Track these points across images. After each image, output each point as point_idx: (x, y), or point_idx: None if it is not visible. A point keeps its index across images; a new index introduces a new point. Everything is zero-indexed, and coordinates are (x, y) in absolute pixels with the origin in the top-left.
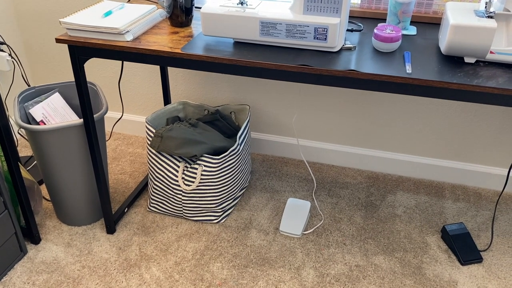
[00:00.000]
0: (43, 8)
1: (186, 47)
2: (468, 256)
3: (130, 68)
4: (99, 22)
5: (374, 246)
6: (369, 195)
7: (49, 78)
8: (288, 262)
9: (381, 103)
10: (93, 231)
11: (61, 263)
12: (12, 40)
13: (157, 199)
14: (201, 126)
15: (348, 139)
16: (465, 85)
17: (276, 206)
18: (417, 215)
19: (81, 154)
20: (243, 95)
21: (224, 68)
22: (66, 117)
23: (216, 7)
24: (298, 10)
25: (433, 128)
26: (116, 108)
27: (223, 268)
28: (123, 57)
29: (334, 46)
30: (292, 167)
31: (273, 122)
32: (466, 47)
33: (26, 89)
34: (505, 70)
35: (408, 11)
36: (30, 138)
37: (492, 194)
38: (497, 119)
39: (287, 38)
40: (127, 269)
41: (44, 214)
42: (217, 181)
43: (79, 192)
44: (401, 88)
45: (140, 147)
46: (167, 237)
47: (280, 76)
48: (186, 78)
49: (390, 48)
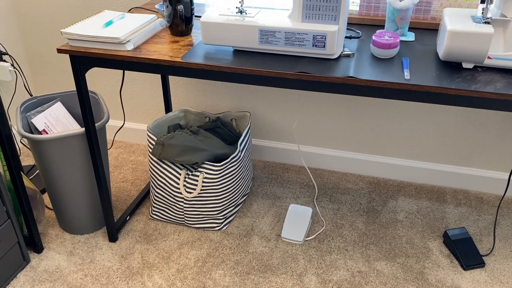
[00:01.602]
0: (45, 18)
1: (186, 56)
2: (470, 261)
3: (131, 77)
4: (100, 32)
5: (376, 251)
6: (371, 200)
7: (51, 88)
8: (290, 268)
9: (381, 109)
10: (95, 239)
11: (63, 272)
12: (14, 50)
13: (159, 206)
14: (202, 134)
15: (349, 145)
16: (463, 91)
17: (278, 213)
18: (418, 220)
19: (83, 162)
20: (243, 102)
21: (224, 76)
22: (68, 126)
23: (216, 16)
24: (296, 18)
25: (433, 133)
26: (117, 117)
27: (225, 275)
28: (124, 66)
29: (332, 53)
30: (294, 173)
31: (274, 129)
32: (464, 52)
33: (28, 98)
34: (503, 75)
35: (406, 18)
36: (33, 147)
37: (493, 198)
38: (497, 123)
39: (286, 46)
40: (130, 277)
41: (46, 223)
42: (219, 188)
43: (81, 200)
44: (400, 94)
45: (142, 155)
46: (169, 244)
47: (280, 83)
48: (187, 86)
49: (389, 55)
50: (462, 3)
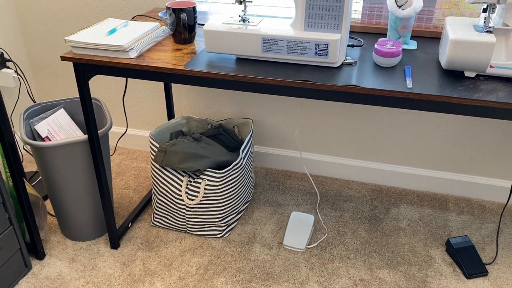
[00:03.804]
0: (49, 25)
1: (189, 64)
2: (473, 269)
3: (134, 84)
4: (103, 40)
5: (379, 259)
6: (373, 208)
7: (54, 95)
8: (292, 276)
9: (384, 116)
10: (97, 246)
11: (65, 279)
12: (18, 57)
13: (161, 213)
14: (205, 141)
15: (351, 152)
16: (465, 99)
17: (280, 220)
18: (421, 228)
19: (85, 169)
20: (245, 109)
21: (226, 84)
22: (71, 133)
23: (219, 24)
24: (299, 26)
25: (436, 141)
26: (120, 123)
27: (227, 283)
28: (127, 74)
29: (335, 62)
30: (296, 181)
31: (276, 136)
32: (466, 61)
33: (32, 105)
34: (505, 84)
35: (409, 26)
36: (35, 154)
37: (496, 206)
38: (500, 131)
39: (288, 54)
40: (131, 284)
41: (48, 229)
42: (221, 195)
43: (84, 207)
44: (402, 103)
45: (144, 161)
46: (171, 252)
47: (282, 91)
48: (190, 93)
49: (391, 63)
50: (464, 12)
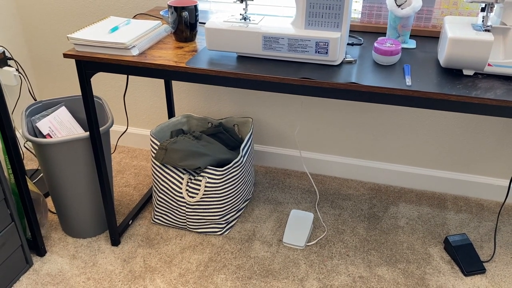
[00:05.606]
0: (50, 24)
1: (191, 62)
2: (471, 267)
3: (135, 82)
4: (105, 38)
5: (377, 257)
6: (372, 206)
7: (55, 92)
8: (292, 273)
9: (383, 115)
10: (98, 243)
11: (66, 275)
12: (19, 55)
13: (161, 211)
14: (205, 139)
15: (350, 151)
16: (464, 97)
17: (279, 218)
18: (419, 226)
19: (86, 167)
20: (246, 108)
21: (227, 82)
22: (72, 131)
23: (220, 22)
24: (299, 25)
25: (435, 140)
26: (121, 122)
27: (227, 279)
28: (129, 71)
29: (335, 60)
30: (295, 179)
31: (276, 135)
32: (465, 60)
33: (33, 103)
34: (503, 82)
35: (408, 25)
36: (37, 151)
37: (494, 205)
38: (498, 130)
39: (289, 52)
40: (132, 281)
41: (49, 226)
42: (221, 193)
43: (85, 204)
44: (401, 100)
45: (145, 160)
46: (171, 249)
47: (282, 89)
48: (190, 92)
49: (390, 61)
50: (463, 11)
